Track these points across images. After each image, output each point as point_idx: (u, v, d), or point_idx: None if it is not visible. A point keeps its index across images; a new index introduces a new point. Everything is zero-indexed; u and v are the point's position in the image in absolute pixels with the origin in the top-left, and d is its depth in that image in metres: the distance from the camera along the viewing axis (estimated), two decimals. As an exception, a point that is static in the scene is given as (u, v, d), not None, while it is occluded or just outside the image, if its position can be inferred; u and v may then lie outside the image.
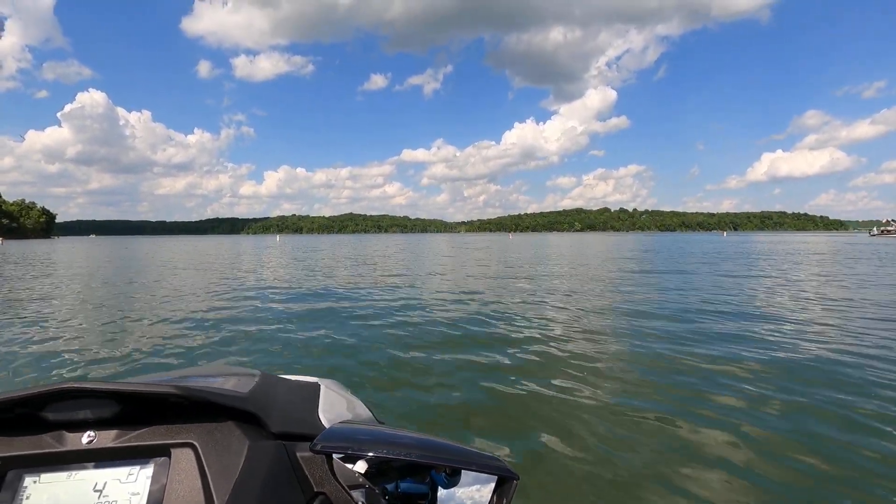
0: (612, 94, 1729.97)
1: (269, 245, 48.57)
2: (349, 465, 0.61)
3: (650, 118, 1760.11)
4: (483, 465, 0.60)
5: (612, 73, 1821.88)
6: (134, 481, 0.54)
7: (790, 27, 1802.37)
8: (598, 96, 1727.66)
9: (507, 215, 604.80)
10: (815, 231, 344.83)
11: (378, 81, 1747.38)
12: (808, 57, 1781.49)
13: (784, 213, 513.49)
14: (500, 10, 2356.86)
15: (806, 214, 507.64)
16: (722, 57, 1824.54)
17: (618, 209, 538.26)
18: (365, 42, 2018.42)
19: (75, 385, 0.53)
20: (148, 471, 0.55)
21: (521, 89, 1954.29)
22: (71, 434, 0.56)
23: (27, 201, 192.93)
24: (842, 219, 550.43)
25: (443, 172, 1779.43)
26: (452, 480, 0.62)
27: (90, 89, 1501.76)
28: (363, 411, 0.93)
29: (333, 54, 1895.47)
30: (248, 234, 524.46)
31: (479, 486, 0.61)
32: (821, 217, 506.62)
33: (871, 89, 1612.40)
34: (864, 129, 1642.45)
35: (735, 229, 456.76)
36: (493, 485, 0.61)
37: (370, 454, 0.59)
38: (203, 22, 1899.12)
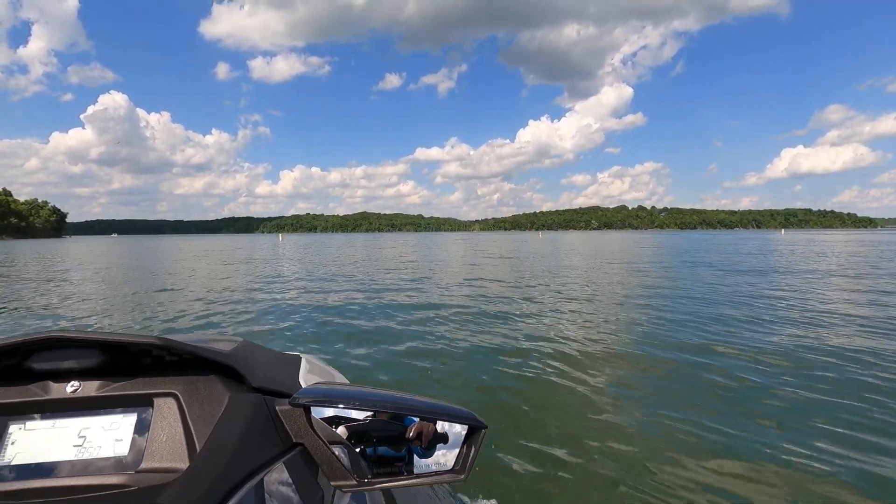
0: (629, 91, 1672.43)
1: (263, 245, 42.51)
2: (330, 427, 0.63)
3: (667, 115, 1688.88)
4: (454, 415, 0.62)
5: (628, 70, 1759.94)
6: (117, 428, 0.55)
7: (810, 21, 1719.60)
8: (613, 93, 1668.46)
9: (521, 213, 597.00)
10: (843, 228, 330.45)
11: (393, 81, 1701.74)
12: (829, 51, 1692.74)
13: (809, 210, 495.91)
14: (513, 8, 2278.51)
15: (832, 212, 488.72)
16: (740, 52, 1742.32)
17: (635, 207, 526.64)
18: (379, 42, 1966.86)
19: (61, 334, 0.54)
20: (131, 418, 0.56)
21: (535, 87, 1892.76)
22: (56, 384, 0.57)
23: (40, 200, 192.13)
24: (868, 216, 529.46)
25: (456, 171, 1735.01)
26: (427, 453, 0.64)
27: (112, 91, 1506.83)
28: (343, 381, 0.94)
29: (349, 55, 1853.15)
30: (262, 232, 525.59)
31: (451, 447, 0.64)
32: (848, 214, 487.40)
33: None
34: (889, 123, 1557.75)
35: (758, 227, 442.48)
36: (463, 435, 0.63)
37: (347, 408, 0.61)
38: (221, 24, 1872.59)
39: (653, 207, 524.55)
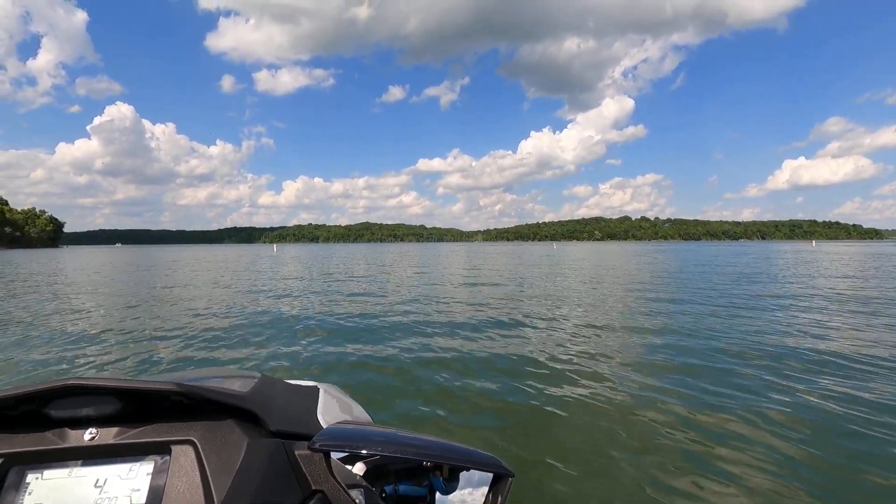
0: (630, 103, 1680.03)
1: (250, 259, 38.97)
2: (348, 466, 0.62)
3: (668, 127, 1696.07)
4: (479, 462, 0.61)
5: (629, 83, 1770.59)
6: (134, 477, 0.54)
7: (808, 35, 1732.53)
8: (614, 105, 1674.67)
9: (523, 224, 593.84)
10: (850, 240, 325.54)
11: (396, 93, 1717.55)
12: (827, 64, 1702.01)
13: (815, 221, 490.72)
14: (514, 22, 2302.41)
15: (838, 223, 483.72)
16: (740, 65, 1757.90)
17: (638, 217, 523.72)
18: (383, 55, 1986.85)
19: (79, 382, 0.53)
20: (148, 467, 0.55)
21: (536, 99, 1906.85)
22: (73, 431, 0.56)
23: (37, 209, 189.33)
24: (873, 227, 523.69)
25: (458, 182, 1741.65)
26: (450, 485, 0.62)
27: (118, 102, 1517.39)
28: (361, 415, 0.93)
29: (352, 67, 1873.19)
30: (263, 242, 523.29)
31: (475, 485, 0.62)
32: (854, 226, 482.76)
33: (895, 96, 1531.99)
34: (889, 135, 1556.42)
35: (763, 238, 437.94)
36: (489, 483, 0.61)
37: (368, 452, 0.60)
38: (226, 38, 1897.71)
39: (656, 218, 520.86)
